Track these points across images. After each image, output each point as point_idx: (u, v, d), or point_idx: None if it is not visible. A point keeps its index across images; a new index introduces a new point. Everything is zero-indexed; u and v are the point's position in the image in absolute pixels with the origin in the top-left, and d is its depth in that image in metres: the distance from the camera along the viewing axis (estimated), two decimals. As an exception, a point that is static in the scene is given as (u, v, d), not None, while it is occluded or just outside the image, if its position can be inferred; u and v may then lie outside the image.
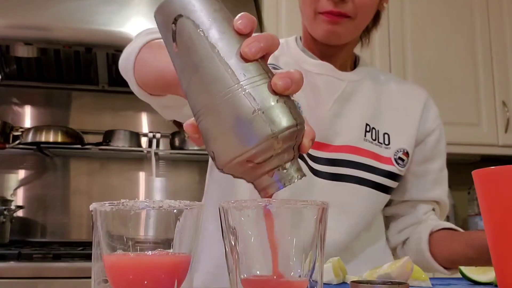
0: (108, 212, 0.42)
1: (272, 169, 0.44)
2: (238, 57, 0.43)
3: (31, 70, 2.22)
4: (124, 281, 0.41)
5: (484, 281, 0.63)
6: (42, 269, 1.55)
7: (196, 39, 0.44)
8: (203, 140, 0.45)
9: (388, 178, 0.91)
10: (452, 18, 2.28)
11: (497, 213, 0.48)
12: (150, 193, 2.33)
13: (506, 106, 2.25)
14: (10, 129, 2.16)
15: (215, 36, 0.43)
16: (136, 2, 1.91)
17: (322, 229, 0.44)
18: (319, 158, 0.88)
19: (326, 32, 0.87)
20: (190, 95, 0.45)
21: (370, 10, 0.89)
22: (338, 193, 0.88)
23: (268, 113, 0.42)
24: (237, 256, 0.44)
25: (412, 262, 0.60)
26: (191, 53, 0.44)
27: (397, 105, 0.96)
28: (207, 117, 0.43)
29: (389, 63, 2.19)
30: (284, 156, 0.44)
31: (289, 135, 0.43)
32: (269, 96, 0.42)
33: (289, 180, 0.44)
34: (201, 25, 0.44)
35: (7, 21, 1.86)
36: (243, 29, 0.44)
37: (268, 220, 0.42)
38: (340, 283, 0.63)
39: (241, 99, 0.42)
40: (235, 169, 0.44)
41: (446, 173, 1.00)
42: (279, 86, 0.43)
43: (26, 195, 2.23)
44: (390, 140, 0.92)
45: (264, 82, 0.43)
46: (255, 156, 0.42)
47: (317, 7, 0.86)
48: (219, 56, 0.43)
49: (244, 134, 0.42)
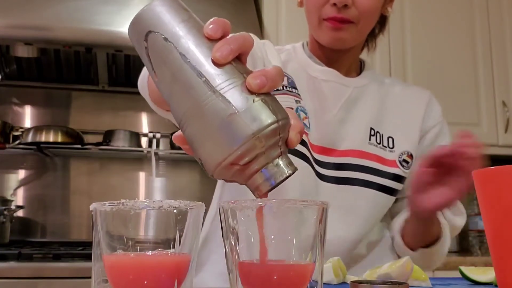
0: (108, 212, 0.42)
1: (261, 167, 0.44)
2: (210, 63, 0.43)
3: (31, 70, 2.22)
4: (124, 281, 0.41)
5: (484, 281, 0.63)
6: (42, 269, 1.55)
7: (167, 52, 0.44)
8: (191, 148, 0.46)
9: (393, 180, 0.92)
10: (452, 18, 2.28)
11: (497, 213, 0.48)
12: (150, 193, 2.33)
13: (506, 106, 2.25)
14: (10, 129, 2.16)
15: (185, 46, 0.44)
16: (136, 2, 1.92)
17: (322, 229, 0.45)
18: (326, 163, 0.89)
19: (330, 38, 0.89)
20: (172, 106, 0.46)
21: (373, 15, 0.90)
22: (344, 196, 0.89)
23: (246, 114, 0.42)
24: (237, 256, 0.44)
25: (412, 262, 0.61)
26: (166, 66, 0.45)
27: (401, 108, 0.97)
28: (190, 126, 0.44)
29: (389, 64, 2.19)
30: (271, 153, 0.44)
31: (270, 132, 0.43)
32: (245, 97, 0.42)
33: (280, 176, 0.44)
34: (171, 37, 0.44)
35: (7, 21, 1.85)
36: (213, 34, 0.45)
37: (258, 215, 0.43)
38: (340, 283, 0.64)
39: (218, 104, 0.42)
40: (224, 173, 0.44)
41: None
42: (254, 85, 0.43)
43: (26, 195, 2.23)
44: (394, 143, 0.94)
45: (239, 84, 0.43)
46: (240, 158, 0.43)
47: (321, 13, 0.88)
48: (191, 65, 0.43)
49: (226, 137, 0.42)
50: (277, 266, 0.43)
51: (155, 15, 0.46)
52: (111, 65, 2.17)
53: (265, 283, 0.42)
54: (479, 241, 2.22)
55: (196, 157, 0.45)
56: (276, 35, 2.07)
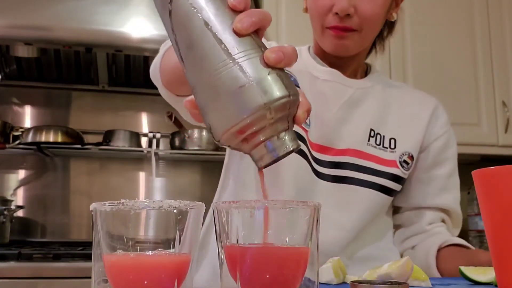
0: (108, 212, 0.42)
1: (266, 139, 0.45)
2: (231, 32, 0.45)
3: (31, 70, 2.22)
4: (124, 281, 0.42)
5: (484, 281, 0.63)
6: (42, 269, 1.55)
7: (190, 17, 0.46)
8: (201, 114, 0.47)
9: (391, 180, 0.92)
10: (452, 18, 2.28)
11: (497, 213, 0.48)
12: (150, 193, 2.33)
13: (506, 106, 2.25)
14: (10, 129, 2.15)
15: (208, 13, 0.45)
16: (136, 2, 1.91)
17: (315, 230, 0.45)
18: (323, 161, 0.89)
19: (334, 46, 0.90)
20: (187, 71, 0.47)
21: (376, 22, 0.90)
22: (340, 194, 0.89)
23: (260, 84, 0.43)
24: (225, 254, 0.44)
25: (412, 262, 0.61)
26: (187, 31, 0.46)
27: (406, 111, 0.97)
28: (204, 91, 0.45)
29: (389, 64, 2.19)
30: (278, 126, 0.45)
31: (281, 105, 0.44)
32: (261, 69, 0.44)
33: (284, 149, 0.45)
34: (195, 3, 0.46)
35: (7, 21, 1.85)
36: (237, 5, 0.46)
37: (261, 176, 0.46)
38: (340, 283, 0.64)
39: (234, 72, 0.43)
40: (231, 139, 0.45)
41: (456, 181, 0.99)
42: (272, 59, 0.44)
43: (26, 195, 2.23)
44: (396, 144, 0.94)
45: (256, 56, 0.44)
46: (248, 126, 0.44)
47: (325, 22, 0.89)
48: (213, 32, 0.45)
49: (238, 105, 0.43)
50: (267, 249, 0.43)
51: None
52: (111, 65, 2.17)
53: (255, 266, 0.42)
54: (479, 241, 2.22)
55: (206, 122, 0.46)
56: (276, 35, 2.06)
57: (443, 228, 0.97)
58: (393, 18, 0.96)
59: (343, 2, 0.84)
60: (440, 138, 0.97)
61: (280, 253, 0.43)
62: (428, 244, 0.93)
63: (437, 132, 0.98)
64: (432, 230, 0.96)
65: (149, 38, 1.85)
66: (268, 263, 0.42)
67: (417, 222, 0.97)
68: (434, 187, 0.97)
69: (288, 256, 0.43)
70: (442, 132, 0.98)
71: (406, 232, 0.99)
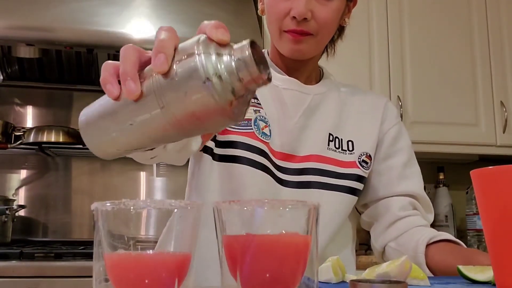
0: (109, 211, 0.42)
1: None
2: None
3: (33, 71, 2.22)
4: (125, 280, 0.42)
5: (482, 280, 0.63)
6: (43, 268, 1.56)
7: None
8: (199, 125, 0.47)
9: (353, 180, 0.95)
10: (450, 18, 2.28)
11: (495, 213, 0.48)
12: (151, 193, 2.33)
13: (504, 106, 2.25)
14: (12, 129, 2.16)
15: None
16: (137, 4, 1.92)
17: (314, 230, 0.45)
18: (287, 169, 0.93)
19: (291, 50, 0.92)
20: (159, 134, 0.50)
21: (331, 27, 0.93)
22: (306, 199, 0.89)
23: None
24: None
25: (410, 261, 0.61)
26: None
27: (360, 113, 1.01)
28: (177, 111, 0.46)
29: (388, 64, 2.19)
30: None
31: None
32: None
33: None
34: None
35: (9, 22, 1.86)
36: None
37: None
38: (339, 282, 0.64)
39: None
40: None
41: (414, 169, 1.01)
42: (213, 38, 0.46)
43: (28, 195, 2.24)
44: (354, 146, 0.98)
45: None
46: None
47: (282, 25, 0.90)
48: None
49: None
50: (263, 237, 0.43)
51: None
52: (112, 66, 2.17)
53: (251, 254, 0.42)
54: (478, 240, 2.22)
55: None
56: (263, 43, 2.07)
57: (418, 217, 0.97)
58: (345, 23, 0.99)
59: (301, 7, 0.86)
60: (390, 130, 1.01)
61: (281, 240, 0.43)
62: (414, 240, 0.92)
63: (387, 126, 1.02)
64: (408, 218, 0.96)
65: (150, 39, 1.85)
66: (267, 255, 0.42)
67: (386, 211, 0.98)
68: (392, 176, 0.99)
69: (288, 244, 0.43)
70: (392, 125, 1.02)
71: (380, 226, 0.99)
